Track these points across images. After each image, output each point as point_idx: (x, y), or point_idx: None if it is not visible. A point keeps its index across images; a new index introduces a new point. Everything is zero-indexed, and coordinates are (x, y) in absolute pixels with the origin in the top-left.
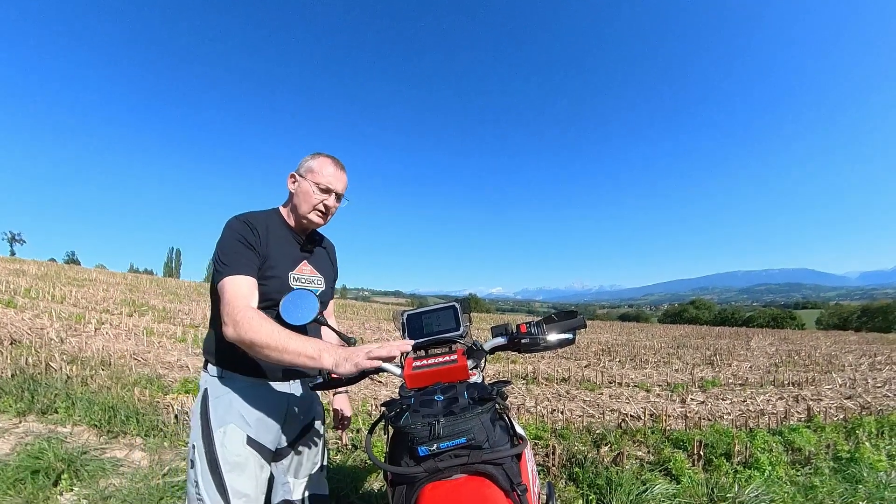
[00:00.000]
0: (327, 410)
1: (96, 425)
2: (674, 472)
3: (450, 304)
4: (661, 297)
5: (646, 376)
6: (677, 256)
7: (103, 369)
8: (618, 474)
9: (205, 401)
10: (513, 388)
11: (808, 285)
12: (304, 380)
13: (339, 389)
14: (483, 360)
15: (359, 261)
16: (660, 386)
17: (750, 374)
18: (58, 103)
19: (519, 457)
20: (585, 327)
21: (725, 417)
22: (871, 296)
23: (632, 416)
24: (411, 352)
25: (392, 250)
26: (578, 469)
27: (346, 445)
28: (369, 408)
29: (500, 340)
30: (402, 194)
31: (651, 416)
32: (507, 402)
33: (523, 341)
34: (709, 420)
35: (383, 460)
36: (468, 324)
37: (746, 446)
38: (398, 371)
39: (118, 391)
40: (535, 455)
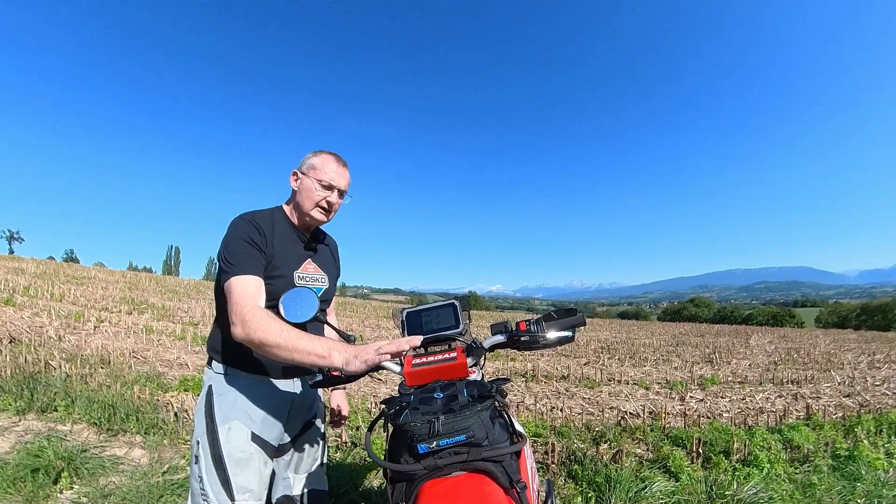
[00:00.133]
0: (327, 407)
1: (96, 423)
2: (673, 469)
3: (449, 301)
4: (661, 294)
5: (645, 374)
6: (677, 254)
7: (103, 367)
8: (617, 472)
9: (209, 397)
10: (512, 385)
11: (808, 283)
12: (305, 377)
13: (337, 387)
14: (482, 358)
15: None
16: (659, 384)
17: (749, 372)
18: (56, 101)
19: (518, 454)
20: (585, 325)
21: (724, 415)
22: (871, 294)
23: (631, 413)
24: (411, 349)
25: (392, 248)
26: (577, 466)
27: (346, 443)
28: (369, 405)
29: (500, 338)
30: (401, 192)
31: (650, 413)
32: (506, 399)
33: (523, 339)
34: (708, 418)
35: (383, 458)
36: (468, 321)
37: (745, 444)
38: (398, 368)
39: (118, 389)
40: (534, 452)
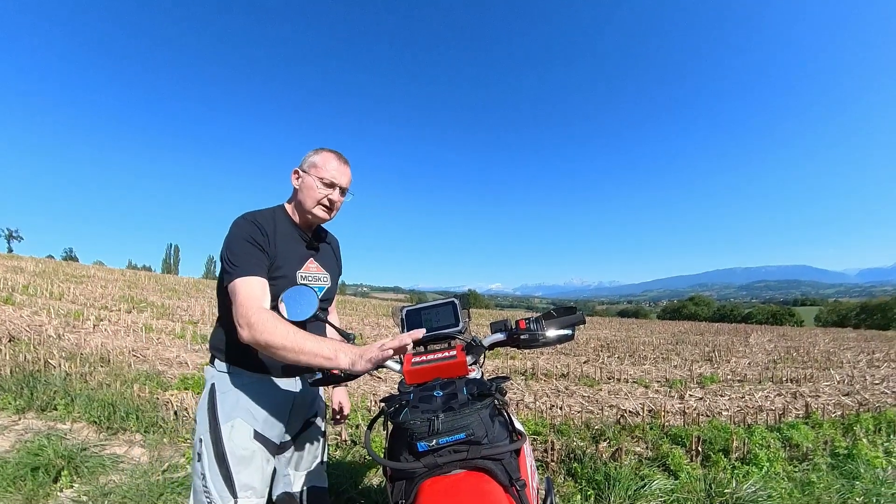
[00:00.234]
0: (328, 406)
1: (96, 422)
2: (672, 467)
3: (449, 300)
4: (660, 293)
5: (644, 372)
6: (676, 253)
7: (102, 366)
8: (616, 470)
9: (212, 396)
10: (512, 383)
11: (807, 282)
12: (305, 375)
13: (338, 385)
14: (482, 356)
15: (358, 257)
16: (658, 382)
17: (748, 370)
18: (55, 99)
19: (518, 452)
20: (584, 323)
21: (724, 413)
22: (870, 293)
23: (630, 411)
24: (410, 347)
25: (391, 246)
26: (577, 464)
27: (346, 441)
28: (368, 403)
29: (500, 336)
30: (401, 190)
31: (650, 412)
32: (505, 397)
33: (522, 337)
34: (707, 416)
35: (382, 456)
36: (467, 320)
37: (744, 442)
38: (397, 367)
39: (117, 388)
40: (534, 450)
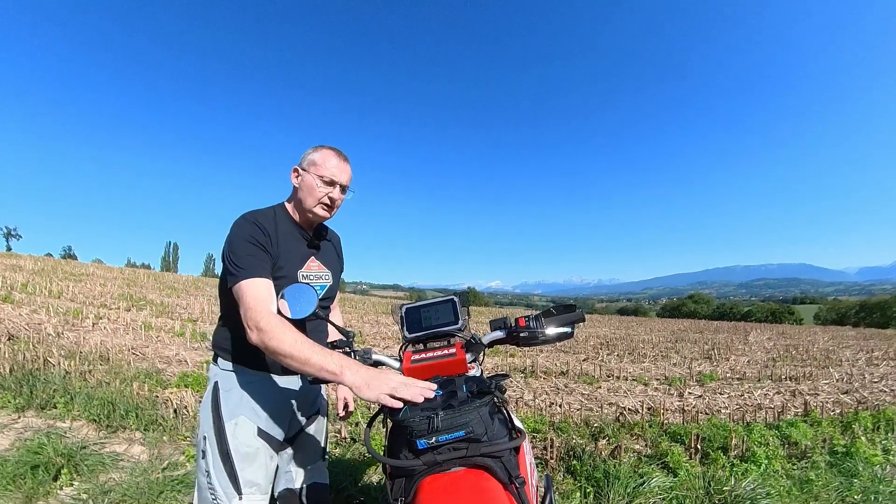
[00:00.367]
0: (329, 403)
1: (95, 420)
2: (671, 465)
3: (448, 297)
4: (660, 291)
5: (644, 370)
6: (676, 251)
7: (102, 364)
8: (615, 467)
9: (215, 394)
10: (511, 381)
11: (807, 280)
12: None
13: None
14: (481, 354)
15: (357, 254)
16: (658, 380)
17: (747, 368)
18: (54, 98)
19: (517, 450)
20: (584, 321)
21: (723, 411)
22: (870, 291)
23: (630, 409)
24: (410, 345)
25: (391, 244)
26: (576, 462)
27: (346, 438)
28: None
29: (499, 334)
30: (400, 188)
31: (649, 409)
32: (505, 395)
33: (522, 335)
34: (706, 414)
35: (382, 453)
36: (467, 317)
37: (743, 440)
38: (397, 365)
39: (117, 386)
40: (533, 448)
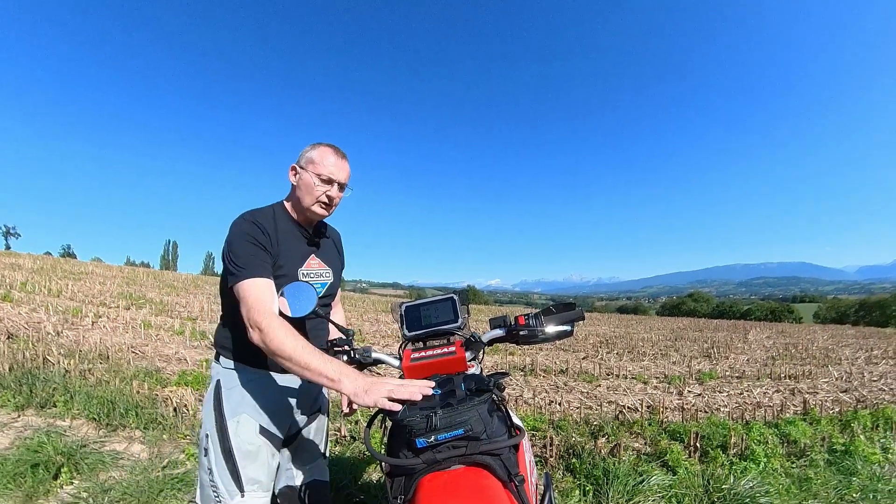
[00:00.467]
0: (330, 401)
1: (95, 419)
2: (670, 463)
3: (448, 295)
4: (660, 289)
5: (643, 368)
6: (676, 249)
7: (101, 363)
8: (615, 465)
9: (218, 392)
10: (511, 379)
11: (807, 279)
12: None
13: None
14: (481, 352)
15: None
16: (657, 378)
17: (747, 366)
18: (53, 96)
19: (517, 447)
20: (584, 319)
21: (722, 410)
22: (869, 290)
23: (629, 407)
24: (409, 343)
25: (390, 242)
26: (576, 460)
27: (345, 437)
28: None
29: (499, 332)
30: (400, 186)
31: (648, 408)
32: (504, 393)
33: (521, 333)
34: (705, 412)
35: (382, 452)
36: (466, 315)
37: (742, 438)
38: (396, 363)
39: (116, 384)
40: (532, 446)
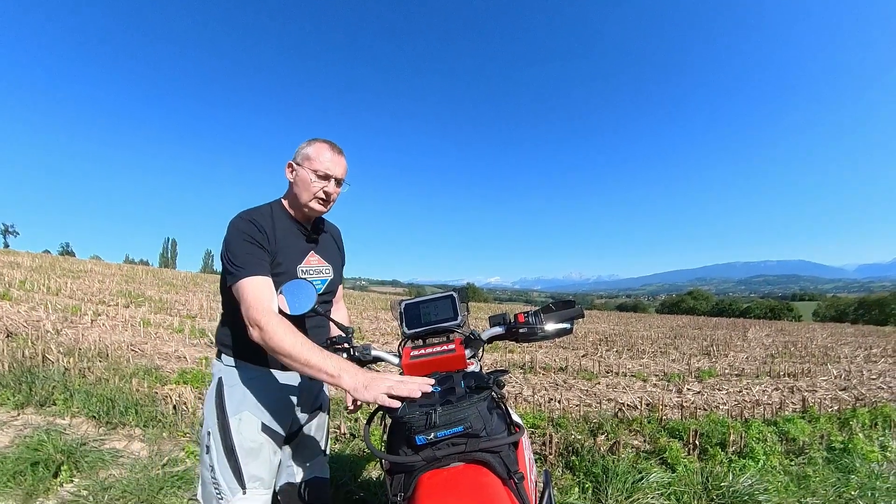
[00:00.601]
0: (337, 400)
1: (95, 417)
2: (669, 460)
3: (447, 293)
4: (659, 287)
5: (643, 366)
6: (676, 247)
7: (100, 361)
8: (614, 463)
9: (220, 389)
10: (510, 377)
11: (806, 277)
12: None
13: None
14: (481, 350)
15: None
16: (656, 376)
17: (746, 364)
18: (51, 94)
19: (516, 445)
20: (583, 317)
21: (721, 407)
22: (869, 288)
23: (628, 405)
24: (409, 341)
25: (390, 239)
26: (575, 457)
27: (345, 434)
28: None
29: (498, 330)
30: (400, 183)
31: (647, 405)
32: (503, 390)
33: (521, 331)
34: (705, 410)
35: (381, 449)
36: (466, 313)
37: (741, 436)
38: (395, 360)
39: (116, 382)
40: (532, 443)
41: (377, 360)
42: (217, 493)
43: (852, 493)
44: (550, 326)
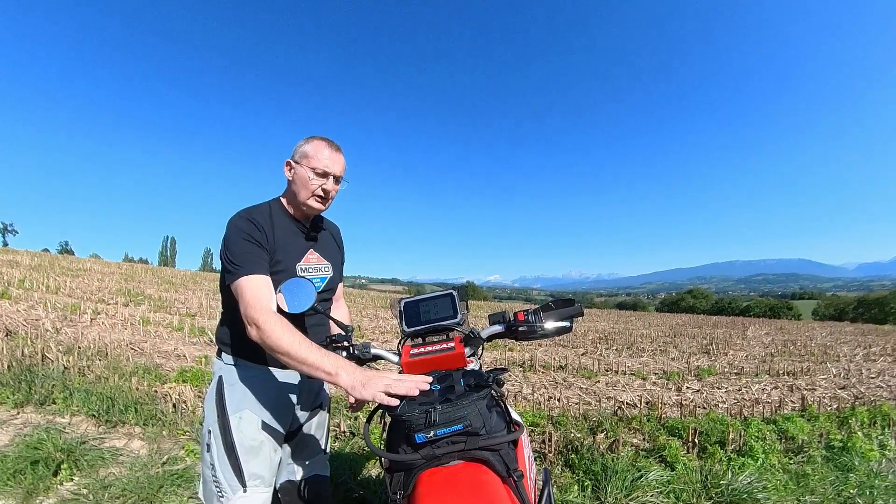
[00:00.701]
0: (338, 398)
1: (94, 415)
2: (669, 459)
3: (447, 291)
4: (659, 285)
5: (642, 364)
6: (675, 246)
7: (100, 359)
8: (613, 461)
9: (220, 388)
10: (510, 375)
11: (806, 276)
12: None
13: None
14: (480, 348)
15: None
16: (656, 374)
17: (745, 363)
18: (50, 92)
19: (515, 443)
20: (583, 315)
21: (720, 406)
22: (868, 287)
23: (628, 403)
24: (409, 339)
25: (389, 238)
26: (575, 456)
27: (345, 432)
28: None
29: (498, 328)
30: (400, 181)
31: (647, 403)
32: (503, 388)
33: (521, 329)
34: (704, 408)
35: (381, 447)
36: (465, 311)
37: (741, 434)
38: (395, 359)
39: (116, 381)
40: (531, 442)
41: (377, 358)
42: (218, 491)
43: (851, 491)
44: (550, 325)
